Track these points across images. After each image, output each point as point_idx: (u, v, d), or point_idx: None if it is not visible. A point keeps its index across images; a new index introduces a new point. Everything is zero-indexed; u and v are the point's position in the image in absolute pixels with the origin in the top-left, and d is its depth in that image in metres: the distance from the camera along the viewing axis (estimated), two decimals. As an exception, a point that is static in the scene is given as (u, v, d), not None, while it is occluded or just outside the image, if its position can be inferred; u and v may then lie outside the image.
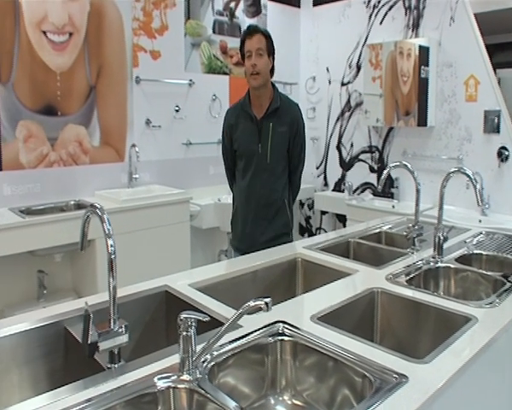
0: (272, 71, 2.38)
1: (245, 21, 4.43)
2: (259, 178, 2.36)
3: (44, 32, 3.18)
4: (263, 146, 2.34)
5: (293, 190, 2.52)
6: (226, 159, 2.54)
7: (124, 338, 1.13)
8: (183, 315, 1.05)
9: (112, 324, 1.12)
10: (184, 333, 1.05)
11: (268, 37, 2.31)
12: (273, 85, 2.40)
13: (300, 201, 5.00)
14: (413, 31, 3.98)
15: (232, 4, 4.34)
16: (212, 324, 1.18)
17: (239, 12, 4.40)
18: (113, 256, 1.14)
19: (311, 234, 4.97)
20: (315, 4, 4.77)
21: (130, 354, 1.25)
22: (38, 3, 3.13)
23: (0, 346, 1.28)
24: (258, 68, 2.25)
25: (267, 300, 1.04)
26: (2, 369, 1.29)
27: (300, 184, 2.56)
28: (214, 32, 4.20)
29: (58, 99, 3.28)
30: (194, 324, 1.06)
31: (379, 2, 4.19)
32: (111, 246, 1.14)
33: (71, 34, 3.30)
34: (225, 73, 4.26)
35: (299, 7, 4.91)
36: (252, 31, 2.29)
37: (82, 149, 3.44)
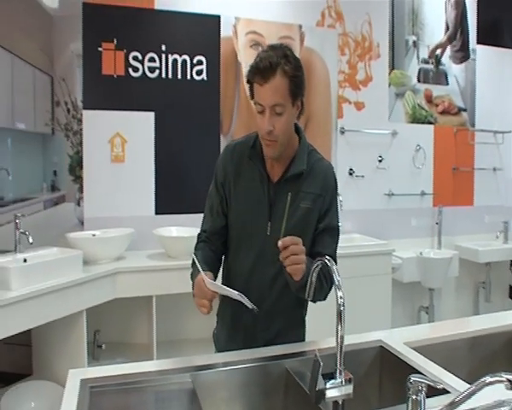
0: (301, 113, 1.48)
1: (451, 68, 4.28)
2: (263, 271, 1.54)
3: (259, 88, 3.54)
4: (274, 226, 1.49)
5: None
6: (207, 218, 1.62)
7: (349, 389, 1.15)
8: (413, 378, 1.03)
9: (338, 374, 1.16)
10: (414, 397, 1.02)
11: (294, 76, 1.36)
12: (298, 132, 1.55)
13: (511, 261, 4.50)
14: None
15: (438, 51, 4.25)
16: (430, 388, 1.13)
17: (445, 58, 4.28)
18: (342, 308, 1.18)
19: (525, 298, 4.42)
20: (533, 43, 4.39)
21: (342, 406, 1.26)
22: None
23: (229, 377, 1.41)
24: (276, 134, 1.40)
25: (511, 377, 0.96)
26: (229, 397, 1.42)
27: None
28: (419, 80, 4.15)
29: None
30: (424, 388, 1.03)
31: None
32: (340, 298, 1.18)
33: (282, 88, 3.60)
34: (430, 123, 4.12)
35: (512, 48, 4.57)
36: (265, 71, 1.34)
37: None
